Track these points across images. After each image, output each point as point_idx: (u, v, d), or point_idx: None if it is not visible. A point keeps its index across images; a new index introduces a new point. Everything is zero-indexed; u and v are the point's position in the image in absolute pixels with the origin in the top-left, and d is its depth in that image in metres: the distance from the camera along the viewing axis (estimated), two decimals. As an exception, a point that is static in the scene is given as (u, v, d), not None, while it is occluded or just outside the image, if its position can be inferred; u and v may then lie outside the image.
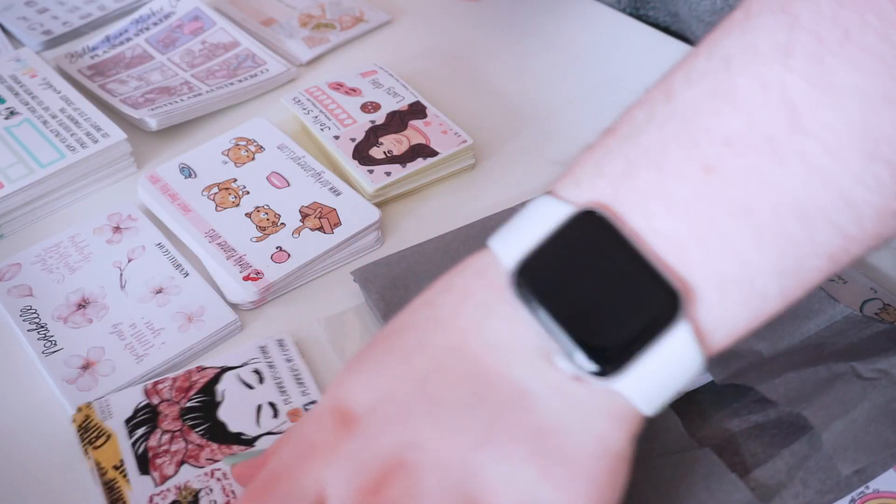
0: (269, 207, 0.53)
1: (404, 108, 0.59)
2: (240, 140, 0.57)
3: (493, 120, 0.61)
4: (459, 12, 0.70)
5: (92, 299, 0.49)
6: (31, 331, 0.48)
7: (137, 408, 0.44)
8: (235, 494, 0.41)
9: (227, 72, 0.64)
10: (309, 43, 0.67)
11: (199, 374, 0.45)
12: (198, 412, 0.44)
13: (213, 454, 0.42)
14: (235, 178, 0.55)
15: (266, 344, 0.47)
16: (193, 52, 0.66)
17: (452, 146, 0.56)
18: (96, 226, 0.53)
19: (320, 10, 0.70)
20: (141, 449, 0.42)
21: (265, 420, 0.44)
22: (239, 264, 0.50)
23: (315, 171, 0.55)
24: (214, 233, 0.52)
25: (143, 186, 0.54)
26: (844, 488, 0.39)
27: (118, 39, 0.67)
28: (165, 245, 0.52)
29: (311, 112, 0.59)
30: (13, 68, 0.62)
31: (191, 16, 0.68)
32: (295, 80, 0.65)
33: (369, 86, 0.61)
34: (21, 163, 0.55)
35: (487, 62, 0.64)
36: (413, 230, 0.54)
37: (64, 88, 0.60)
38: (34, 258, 0.51)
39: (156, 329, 0.48)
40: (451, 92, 0.63)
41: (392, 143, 0.56)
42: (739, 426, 0.42)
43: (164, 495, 0.41)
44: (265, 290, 0.49)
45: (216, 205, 0.53)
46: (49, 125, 0.57)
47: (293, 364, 0.46)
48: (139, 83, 0.63)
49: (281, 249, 0.51)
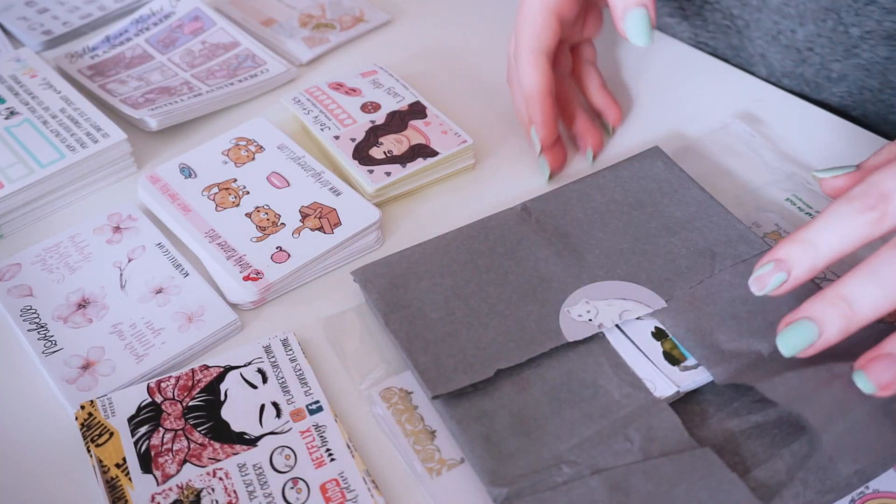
0: (269, 207, 0.53)
1: (404, 108, 0.59)
2: (240, 140, 0.57)
3: (493, 120, 0.61)
4: (459, 12, 0.70)
5: (92, 299, 0.49)
6: (31, 331, 0.48)
7: (140, 406, 0.44)
8: (237, 494, 0.41)
9: (227, 72, 0.64)
10: (309, 43, 0.67)
11: (202, 373, 0.45)
12: (201, 411, 0.44)
13: (216, 453, 0.42)
14: (235, 178, 0.55)
15: (270, 343, 0.47)
16: (193, 52, 0.66)
17: (452, 146, 0.56)
18: (96, 226, 0.53)
19: (320, 10, 0.70)
20: (143, 447, 0.42)
21: (268, 420, 0.44)
22: (239, 264, 0.50)
23: (315, 171, 0.55)
24: (214, 233, 0.52)
25: (143, 186, 0.54)
26: (845, 488, 0.40)
27: (118, 39, 0.67)
28: (165, 245, 0.52)
29: (311, 112, 0.59)
30: (13, 68, 0.62)
31: (191, 16, 0.68)
32: (295, 80, 0.65)
33: (369, 86, 0.61)
34: (21, 163, 0.55)
35: (487, 62, 0.64)
36: (413, 230, 0.54)
37: (64, 88, 0.60)
38: (34, 258, 0.51)
39: (156, 329, 0.48)
40: (451, 92, 0.63)
41: (392, 143, 0.56)
42: (739, 426, 0.42)
43: (165, 494, 0.41)
44: (265, 290, 0.49)
45: (216, 205, 0.53)
46: (49, 125, 0.57)
47: (297, 364, 0.46)
48: (139, 83, 0.63)
49: (281, 249, 0.51)
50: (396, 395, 0.44)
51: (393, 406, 0.44)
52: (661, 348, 0.45)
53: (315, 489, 0.41)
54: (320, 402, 0.44)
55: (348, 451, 0.42)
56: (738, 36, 0.63)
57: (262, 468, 0.42)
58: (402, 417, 0.43)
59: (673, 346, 0.45)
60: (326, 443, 0.43)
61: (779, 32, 0.60)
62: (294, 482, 0.41)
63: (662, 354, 0.44)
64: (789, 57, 0.60)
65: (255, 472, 0.42)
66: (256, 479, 0.42)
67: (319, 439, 0.43)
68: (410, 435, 0.43)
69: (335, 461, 0.42)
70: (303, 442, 0.43)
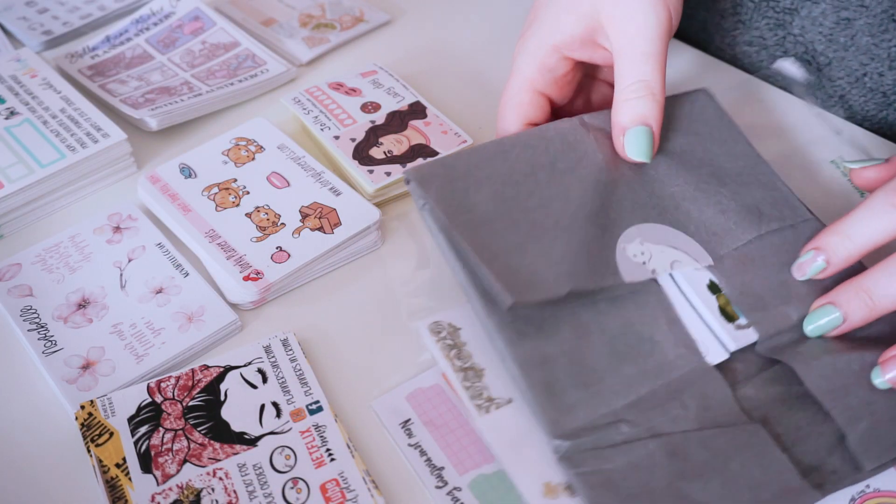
0: (269, 207, 0.53)
1: (404, 108, 0.59)
2: (240, 140, 0.57)
3: (493, 120, 0.61)
4: (459, 12, 0.70)
5: (92, 299, 0.49)
6: (31, 331, 0.48)
7: (140, 406, 0.44)
8: (237, 494, 0.41)
9: (227, 72, 0.64)
10: (309, 43, 0.67)
11: (202, 373, 0.45)
12: (201, 411, 0.44)
13: (216, 453, 0.42)
14: (235, 178, 0.55)
15: (270, 343, 0.47)
16: (193, 53, 0.66)
17: (452, 146, 0.56)
18: (96, 226, 0.53)
19: (320, 10, 0.70)
20: (143, 447, 0.42)
21: (268, 420, 0.44)
22: (239, 264, 0.50)
23: (315, 171, 0.55)
24: (214, 233, 0.52)
25: (143, 186, 0.54)
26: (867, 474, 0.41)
27: (118, 39, 0.67)
28: (165, 245, 0.52)
29: (311, 112, 0.59)
30: (13, 68, 0.62)
31: (191, 16, 0.68)
32: (295, 80, 0.65)
33: (369, 86, 0.61)
34: (21, 163, 0.55)
35: (487, 62, 0.64)
36: (413, 230, 0.54)
37: (64, 88, 0.60)
38: (34, 258, 0.51)
39: (156, 329, 0.48)
40: (451, 92, 0.63)
41: (392, 143, 0.56)
42: (782, 394, 0.43)
43: (165, 494, 0.41)
44: (265, 290, 0.49)
45: (216, 205, 0.53)
46: (49, 125, 0.57)
47: (297, 364, 0.46)
48: (139, 83, 0.63)
49: (281, 249, 0.51)
50: (445, 330, 0.43)
51: (441, 341, 0.43)
52: (716, 302, 0.45)
53: (315, 489, 0.41)
54: (320, 402, 0.44)
55: (348, 451, 0.42)
56: (817, 73, 0.60)
57: (262, 468, 0.42)
58: (451, 353, 0.42)
59: (727, 301, 0.45)
60: (326, 443, 0.43)
61: (864, 74, 0.58)
62: (294, 482, 0.41)
63: (718, 309, 0.45)
64: (873, 101, 0.58)
65: (255, 472, 0.42)
66: (256, 479, 0.42)
67: (319, 439, 0.43)
68: (459, 371, 0.42)
69: (335, 461, 0.42)
70: (303, 442, 0.43)
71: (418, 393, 0.45)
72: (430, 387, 0.45)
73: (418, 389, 0.45)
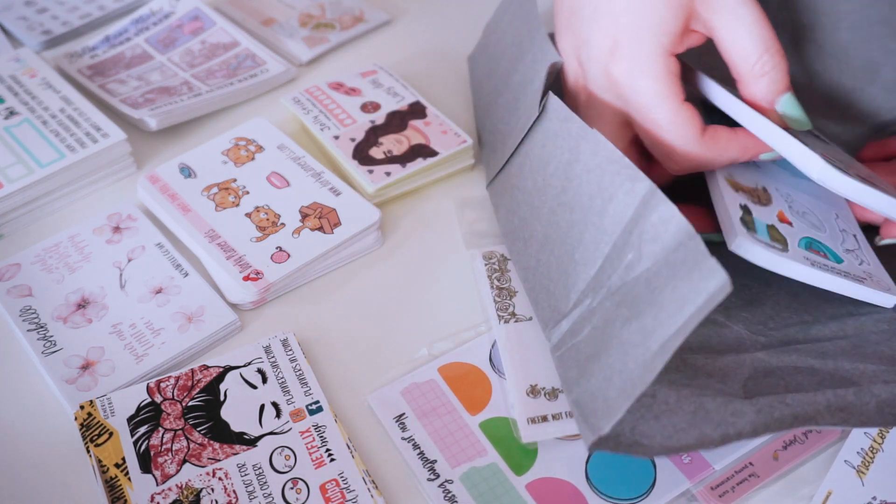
0: (268, 207, 0.53)
1: (404, 108, 0.59)
2: (240, 140, 0.57)
3: (492, 120, 0.61)
4: (459, 12, 0.70)
5: (92, 299, 0.49)
6: (31, 331, 0.48)
7: (140, 406, 0.44)
8: (237, 494, 0.41)
9: (226, 72, 0.64)
10: (309, 43, 0.67)
11: (202, 373, 0.45)
12: (200, 411, 0.44)
13: (215, 453, 0.42)
14: (235, 178, 0.55)
15: (269, 343, 0.47)
16: (193, 52, 0.66)
17: (452, 146, 0.56)
18: (96, 226, 0.53)
19: (320, 10, 0.70)
20: (143, 447, 0.42)
21: (268, 420, 0.44)
22: (239, 264, 0.50)
23: (315, 171, 0.55)
24: (214, 233, 0.52)
25: (143, 186, 0.54)
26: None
27: (118, 39, 0.67)
28: (165, 245, 0.52)
29: (310, 112, 0.59)
30: (13, 68, 0.62)
31: (190, 16, 0.68)
32: (295, 80, 0.65)
33: (369, 86, 0.61)
34: (21, 163, 0.55)
35: (487, 62, 0.64)
36: (413, 230, 0.54)
37: (64, 88, 0.60)
38: (34, 258, 0.51)
39: (156, 329, 0.48)
40: (451, 92, 0.63)
41: (392, 143, 0.56)
42: (795, 362, 0.43)
43: (165, 494, 0.41)
44: (265, 290, 0.49)
45: (216, 205, 0.53)
46: (49, 125, 0.57)
47: (297, 364, 0.46)
48: (139, 83, 0.63)
49: (281, 249, 0.51)
50: (496, 258, 0.51)
51: (489, 264, 0.50)
52: None
53: (315, 489, 0.41)
54: (320, 403, 0.44)
55: (348, 452, 0.42)
56: None
57: (261, 468, 0.42)
58: (494, 275, 0.50)
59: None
60: (326, 443, 0.43)
61: None
62: (294, 482, 0.41)
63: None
64: None
65: (255, 472, 0.42)
66: (256, 479, 0.42)
67: (319, 439, 0.43)
68: (495, 288, 0.49)
69: (335, 461, 0.42)
70: (302, 442, 0.43)
71: (413, 388, 0.45)
72: (425, 381, 0.46)
73: (413, 384, 0.45)
